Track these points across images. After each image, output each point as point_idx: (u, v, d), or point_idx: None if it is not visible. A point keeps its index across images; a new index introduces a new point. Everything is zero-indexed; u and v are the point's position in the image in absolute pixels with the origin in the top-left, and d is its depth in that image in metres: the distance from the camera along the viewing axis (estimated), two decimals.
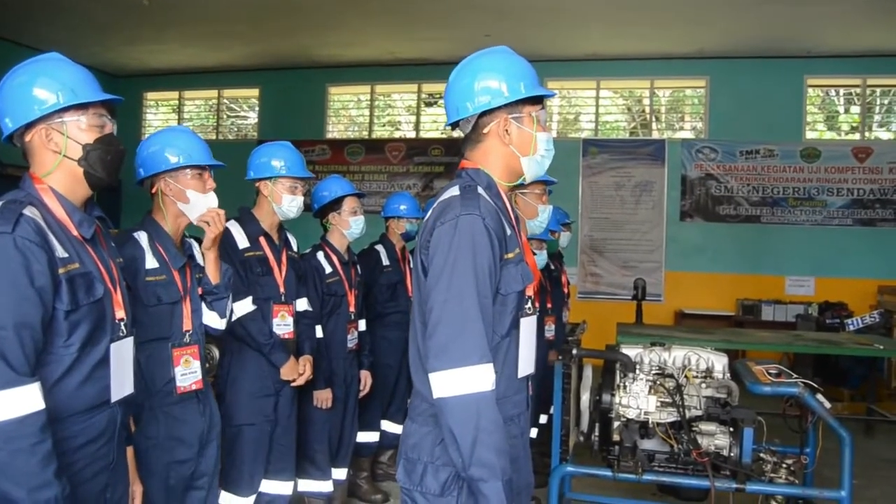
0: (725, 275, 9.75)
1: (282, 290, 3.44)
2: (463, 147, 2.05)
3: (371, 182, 10.66)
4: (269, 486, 3.48)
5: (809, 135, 10.02)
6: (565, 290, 5.83)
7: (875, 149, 9.68)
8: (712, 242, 9.87)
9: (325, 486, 3.95)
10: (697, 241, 9.90)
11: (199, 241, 2.80)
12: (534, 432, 4.93)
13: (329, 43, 9.80)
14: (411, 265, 4.52)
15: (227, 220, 2.87)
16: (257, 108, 11.56)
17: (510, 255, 1.90)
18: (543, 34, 9.23)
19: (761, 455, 3.45)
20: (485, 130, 1.97)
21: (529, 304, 2.03)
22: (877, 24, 8.48)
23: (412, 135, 11.04)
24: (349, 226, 4.02)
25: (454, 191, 1.92)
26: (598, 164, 10.11)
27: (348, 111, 11.65)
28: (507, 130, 1.95)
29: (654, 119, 10.74)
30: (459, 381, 1.73)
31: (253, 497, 3.36)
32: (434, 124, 10.98)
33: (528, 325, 2.03)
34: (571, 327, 6.13)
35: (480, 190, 1.91)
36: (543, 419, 5.08)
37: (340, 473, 4.18)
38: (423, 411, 1.91)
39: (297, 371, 3.43)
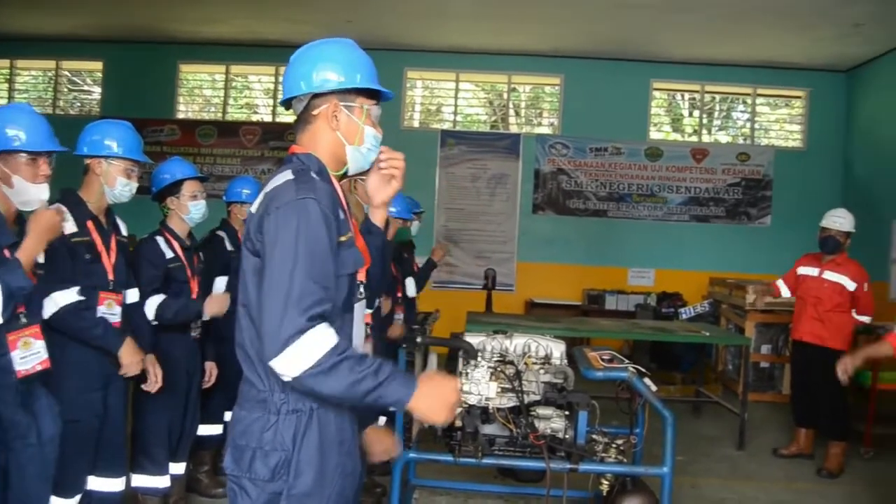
0: (573, 266, 10.20)
1: (110, 277, 3.24)
2: (295, 130, 2.05)
3: (223, 166, 10.29)
4: (97, 484, 3.29)
5: (654, 135, 10.64)
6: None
7: (711, 151, 10.41)
8: (562, 235, 10.29)
9: (161, 482, 3.78)
10: (548, 234, 10.28)
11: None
12: (382, 420, 4.94)
13: (182, 17, 9.35)
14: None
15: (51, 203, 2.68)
16: (100, 83, 10.86)
17: (343, 238, 1.91)
18: (404, 23, 9.25)
19: (594, 436, 3.62)
20: (315, 112, 1.97)
21: (361, 289, 2.04)
22: (715, 36, 9.12)
23: (269, 118, 10.75)
24: (188, 211, 3.83)
25: (287, 175, 1.89)
26: (456, 156, 10.28)
27: (202, 91, 11.19)
28: (335, 115, 1.96)
29: (514, 114, 11.04)
30: (302, 355, 1.71)
31: (77, 497, 3.17)
32: (292, 109, 10.72)
33: (359, 309, 2.05)
34: (424, 316, 6.20)
35: (313, 173, 1.91)
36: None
37: (178, 468, 4.01)
38: (252, 397, 1.88)
39: (138, 354, 3.24)
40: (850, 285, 5.49)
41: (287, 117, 10.52)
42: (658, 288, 9.88)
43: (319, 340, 1.72)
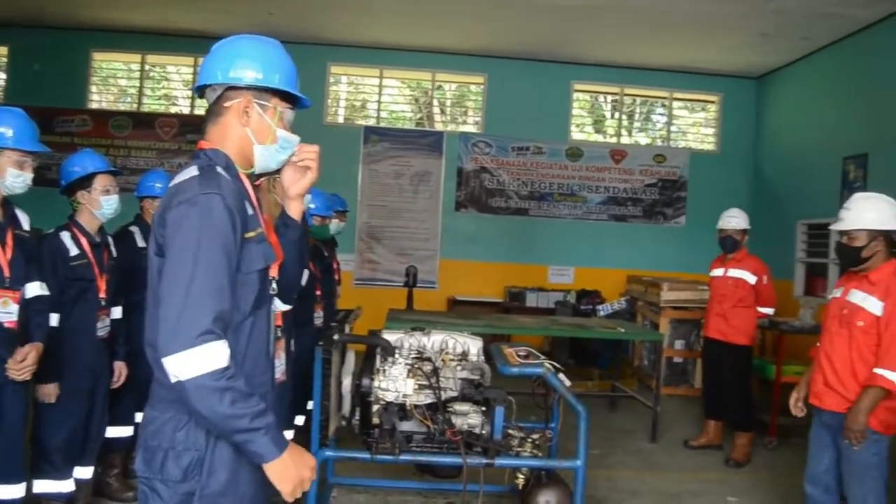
0: (495, 264, 10.30)
1: (6, 273, 3.09)
2: (205, 121, 2.00)
3: (138, 158, 9.95)
4: None
5: (575, 135, 10.83)
6: (336, 277, 5.82)
7: (629, 152, 10.68)
8: (484, 232, 10.38)
9: (65, 486, 3.64)
10: (471, 231, 10.36)
11: None
12: (300, 420, 4.89)
13: (95, 3, 9.00)
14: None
15: None
16: (5, 69, 10.34)
17: (252, 234, 1.88)
18: (327, 18, 9.14)
19: (510, 431, 3.67)
20: (227, 104, 1.94)
21: (273, 285, 2.02)
22: (633, 40, 9.36)
23: (188, 111, 10.47)
24: (100, 206, 3.70)
25: (192, 171, 1.86)
26: (379, 152, 10.23)
27: (117, 80, 10.80)
28: (247, 111, 1.93)
29: (440, 112, 11.06)
30: (192, 362, 1.68)
31: None
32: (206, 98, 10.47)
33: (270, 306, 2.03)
34: (345, 313, 6.13)
35: (220, 169, 1.88)
36: (311, 405, 5.05)
37: (85, 472, 3.87)
38: (163, 398, 1.84)
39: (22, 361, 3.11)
40: (751, 279, 5.74)
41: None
42: (578, 285, 10.07)
43: (214, 354, 1.70)
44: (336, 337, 3.54)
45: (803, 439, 6.16)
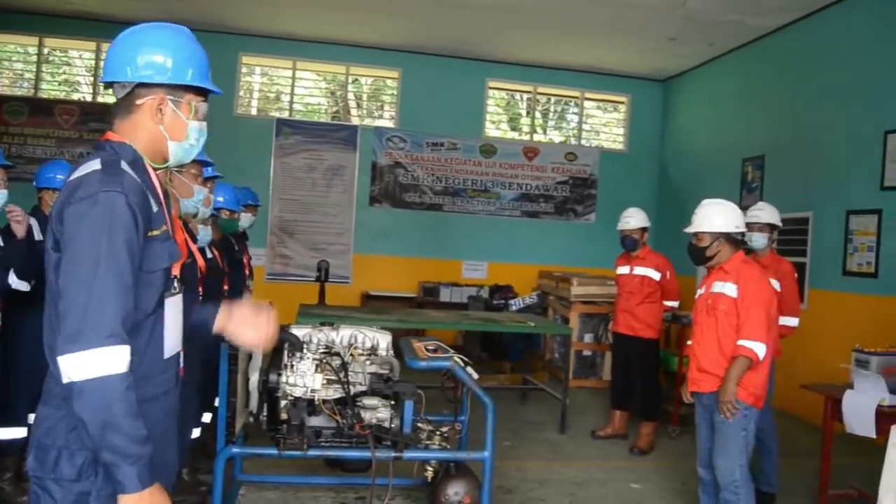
0: (409, 258, 10.32)
1: None
2: (113, 113, 1.94)
3: (35, 147, 9.46)
4: None
5: (490, 132, 10.94)
6: (247, 272, 5.71)
7: (542, 150, 10.88)
8: (398, 227, 10.38)
9: None
10: (385, 226, 10.34)
11: None
12: (207, 417, 4.78)
13: None
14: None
15: None
16: None
17: (156, 233, 1.83)
18: (240, 7, 8.94)
19: (419, 425, 3.69)
20: (138, 102, 1.88)
21: (176, 284, 1.97)
22: (546, 40, 9.52)
23: (90, 98, 10.03)
24: None
25: (95, 165, 1.79)
26: (291, 146, 10.07)
27: (11, 64, 10.24)
28: (160, 109, 1.89)
29: (355, 105, 10.97)
30: (91, 363, 1.64)
31: None
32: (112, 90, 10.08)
33: (174, 304, 1.98)
34: None
35: (124, 165, 1.82)
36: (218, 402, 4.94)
37: None
38: (58, 394, 1.78)
39: None
40: (656, 275, 5.98)
41: (111, 97, 9.88)
42: (490, 280, 10.20)
43: (115, 359, 1.66)
44: None
45: None
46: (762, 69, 8.73)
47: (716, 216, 3.78)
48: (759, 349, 3.55)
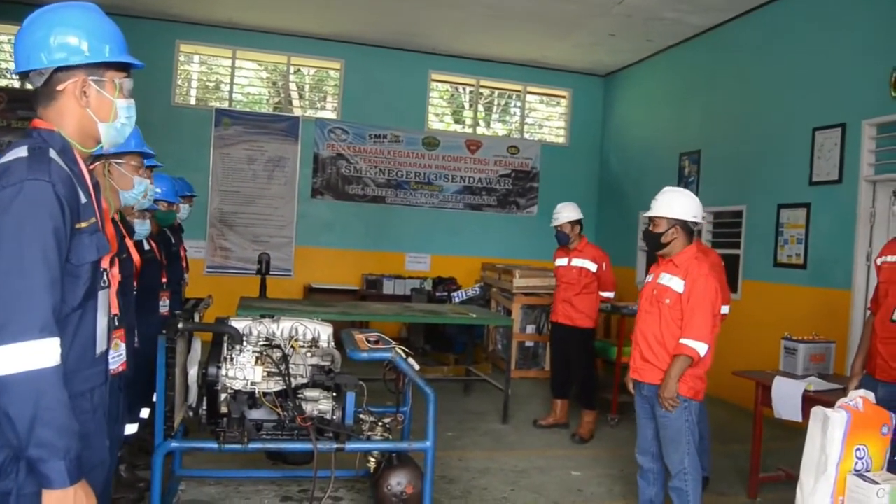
0: (352, 251, 10.27)
1: None
2: (36, 102, 1.87)
3: None
4: None
5: (434, 125, 10.95)
6: (184, 264, 5.62)
7: (484, 143, 10.93)
8: (341, 220, 10.31)
9: None
10: (327, 218, 10.25)
11: None
12: (145, 412, 4.68)
13: None
14: None
15: None
16: None
17: (84, 225, 1.78)
18: None
19: (361, 416, 3.69)
20: (59, 87, 1.82)
21: (105, 277, 1.93)
22: (487, 33, 9.56)
23: (18, 84, 9.66)
24: None
25: (21, 152, 1.73)
26: (231, 136, 9.88)
27: None
28: (84, 92, 1.83)
29: (298, 97, 10.83)
30: (17, 357, 1.59)
31: None
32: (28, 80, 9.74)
33: (103, 299, 1.93)
34: (195, 302, 5.94)
35: (53, 153, 1.76)
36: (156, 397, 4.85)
37: None
38: None
39: None
40: (592, 267, 6.11)
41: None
42: (434, 273, 10.23)
43: (47, 352, 1.61)
44: (181, 325, 3.42)
45: None
46: (699, 65, 8.94)
47: (675, 203, 3.79)
48: (702, 349, 3.60)
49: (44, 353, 1.61)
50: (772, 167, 7.45)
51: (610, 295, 6.28)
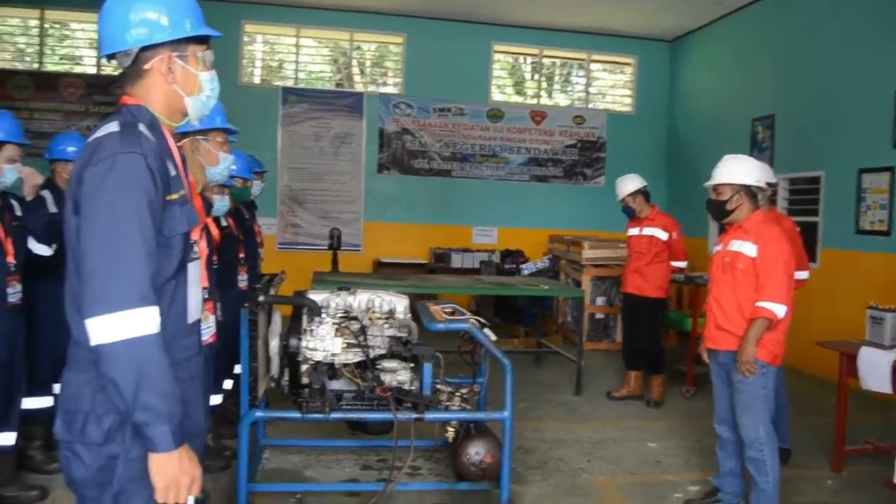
0: (419, 225, 10.32)
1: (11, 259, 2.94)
2: (123, 82, 1.91)
3: (42, 122, 9.44)
4: None
5: (496, 96, 10.85)
6: (258, 240, 5.72)
7: (549, 113, 10.80)
8: (407, 194, 10.36)
9: None
10: (394, 193, 10.32)
11: None
12: (228, 384, 4.82)
13: None
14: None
15: None
16: None
17: (174, 197, 1.81)
18: None
19: (439, 387, 3.71)
20: (146, 66, 1.85)
21: (195, 249, 1.97)
22: (553, 2, 9.39)
23: (94, 71, 9.97)
24: (3, 174, 3.54)
25: (113, 127, 1.77)
26: (298, 114, 10.01)
27: (14, 38, 10.18)
28: (170, 68, 1.86)
29: (358, 72, 10.88)
30: (119, 325, 1.63)
31: None
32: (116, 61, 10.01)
33: (194, 270, 1.97)
34: (269, 278, 6.06)
35: (142, 127, 1.80)
36: (239, 369, 4.98)
37: (8, 438, 3.72)
38: (82, 359, 1.77)
39: None
40: (663, 235, 6.01)
41: (114, 69, 9.83)
42: (501, 245, 10.21)
43: (146, 320, 1.65)
44: (262, 298, 3.49)
45: None
46: (772, 27, 8.60)
47: (736, 168, 3.73)
48: (780, 310, 3.53)
49: (144, 320, 1.65)
50: (851, 131, 7.14)
51: (681, 264, 6.17)
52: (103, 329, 1.63)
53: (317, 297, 3.67)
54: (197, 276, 2.00)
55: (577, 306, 8.19)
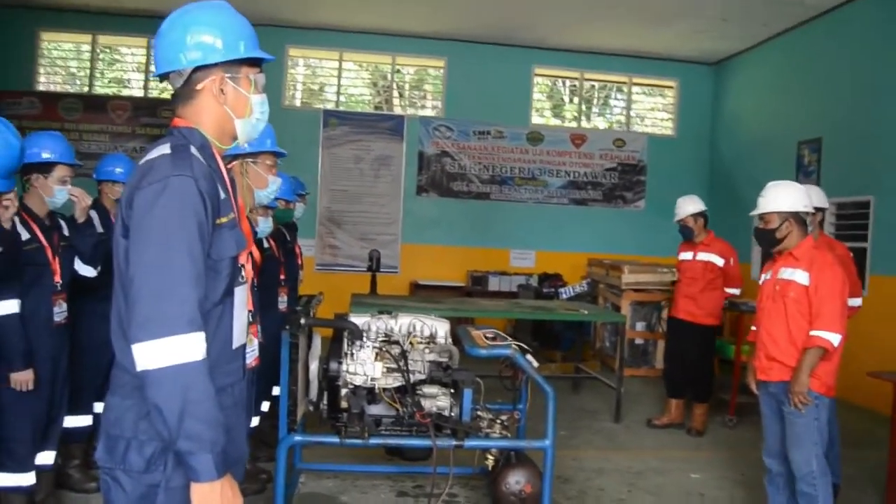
0: (457, 248, 10.30)
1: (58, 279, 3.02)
2: (174, 103, 1.92)
3: (90, 143, 9.67)
4: None
5: (535, 120, 10.84)
6: (299, 262, 5.75)
7: (589, 136, 10.74)
8: (446, 217, 10.36)
9: (26, 480, 3.52)
10: (432, 216, 10.33)
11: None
12: (266, 406, 4.83)
13: None
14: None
15: None
16: None
17: (224, 220, 1.80)
18: None
19: (479, 413, 3.67)
20: (198, 87, 1.85)
21: (242, 273, 1.95)
22: (592, 25, 9.40)
23: (141, 94, 10.20)
24: (53, 194, 3.62)
25: (164, 149, 1.78)
26: (338, 136, 10.11)
27: (66, 62, 10.47)
28: (222, 90, 1.86)
29: (398, 95, 10.96)
30: (165, 351, 1.62)
31: None
32: (166, 83, 10.23)
33: (240, 294, 1.95)
34: (307, 299, 6.08)
35: (193, 150, 1.80)
36: (276, 391, 4.98)
37: (47, 458, 3.76)
38: (126, 384, 1.76)
39: None
40: (719, 261, 5.88)
41: (160, 92, 10.06)
42: (539, 269, 10.13)
43: (192, 346, 1.63)
44: (303, 321, 3.48)
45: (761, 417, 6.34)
46: (819, 49, 8.47)
47: (782, 196, 3.64)
48: (835, 339, 3.43)
49: (191, 346, 1.63)
50: None
51: (736, 291, 6.04)
52: (149, 354, 1.61)
53: (357, 319, 3.66)
54: (243, 300, 1.98)
55: (616, 331, 8.09)
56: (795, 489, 3.58)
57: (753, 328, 3.90)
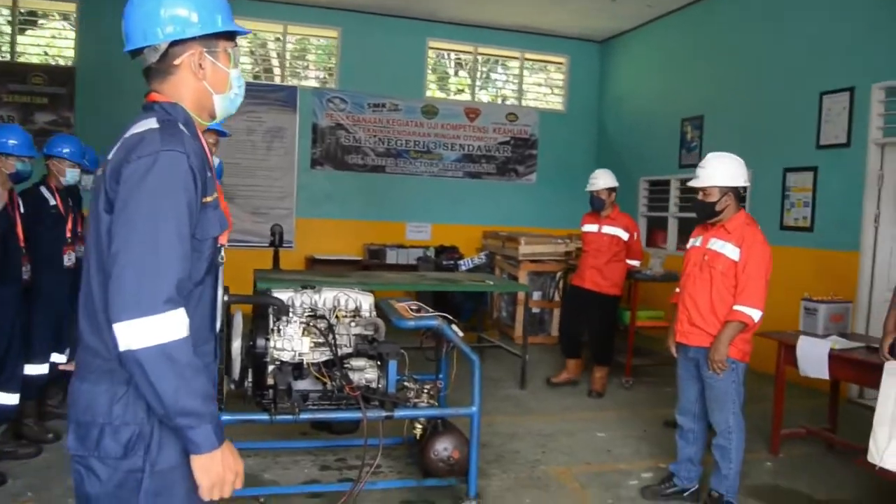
0: (353, 221, 10.23)
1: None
2: (149, 78, 1.83)
3: None
4: None
5: (431, 93, 10.86)
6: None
7: (483, 110, 10.88)
8: (341, 190, 10.24)
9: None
10: (327, 189, 10.18)
11: None
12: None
13: None
14: (21, 209, 4.00)
15: None
16: None
17: (209, 199, 1.75)
18: None
19: (405, 384, 3.72)
20: (176, 62, 1.78)
21: (222, 252, 1.92)
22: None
23: (6, 59, 9.45)
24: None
25: (151, 123, 1.70)
26: None
27: None
28: (200, 64, 1.80)
29: (288, 65, 10.66)
30: (152, 329, 1.55)
31: None
32: (36, 48, 9.54)
33: (218, 275, 1.93)
34: None
35: (181, 125, 1.74)
36: None
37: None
38: (97, 368, 1.69)
39: None
40: (625, 235, 6.17)
41: (32, 58, 9.38)
42: (435, 241, 10.24)
43: (176, 324, 1.58)
44: (226, 298, 3.40)
45: (655, 378, 6.75)
46: (701, 31, 8.93)
47: (724, 171, 3.74)
48: (756, 315, 3.64)
49: (176, 324, 1.58)
50: (778, 132, 7.49)
51: (637, 263, 6.36)
52: (135, 334, 1.55)
53: (282, 295, 3.61)
54: (220, 282, 1.95)
55: (514, 301, 8.33)
56: (712, 441, 3.82)
57: (678, 290, 4.03)
